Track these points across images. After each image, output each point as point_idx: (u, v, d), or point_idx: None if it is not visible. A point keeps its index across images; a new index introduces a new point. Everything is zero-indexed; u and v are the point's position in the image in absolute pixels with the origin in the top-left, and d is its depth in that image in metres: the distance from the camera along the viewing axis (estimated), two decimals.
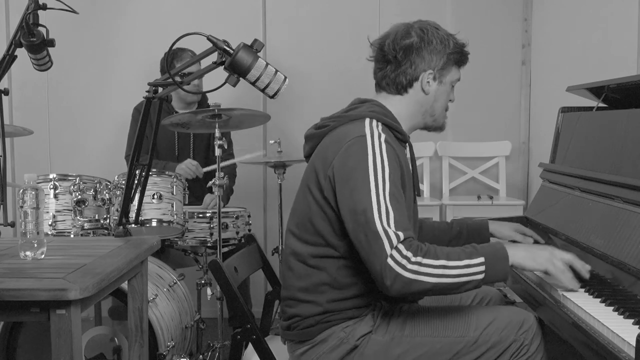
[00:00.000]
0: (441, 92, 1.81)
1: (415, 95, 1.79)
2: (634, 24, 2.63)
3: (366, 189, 1.57)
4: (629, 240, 1.62)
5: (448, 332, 1.65)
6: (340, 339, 1.67)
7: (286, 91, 1.76)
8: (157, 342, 2.35)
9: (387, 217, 1.54)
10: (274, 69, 1.74)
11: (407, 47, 1.75)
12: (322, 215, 1.67)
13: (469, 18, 3.83)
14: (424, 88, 1.78)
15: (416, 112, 1.82)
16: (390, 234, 1.52)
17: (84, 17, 2.73)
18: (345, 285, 1.68)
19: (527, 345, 1.63)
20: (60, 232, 2.50)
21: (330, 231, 1.67)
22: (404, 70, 1.76)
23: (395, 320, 1.67)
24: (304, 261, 1.71)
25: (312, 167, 1.73)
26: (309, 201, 1.71)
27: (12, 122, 3.72)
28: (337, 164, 1.64)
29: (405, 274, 1.49)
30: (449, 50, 1.77)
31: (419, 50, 1.75)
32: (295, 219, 1.77)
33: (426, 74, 1.77)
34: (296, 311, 1.73)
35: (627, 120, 1.86)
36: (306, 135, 1.84)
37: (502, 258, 1.55)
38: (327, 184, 1.65)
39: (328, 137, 1.74)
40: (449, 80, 1.81)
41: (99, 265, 1.55)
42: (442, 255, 1.53)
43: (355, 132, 1.67)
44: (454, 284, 1.52)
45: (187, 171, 3.05)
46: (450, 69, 1.80)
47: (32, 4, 1.70)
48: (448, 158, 3.86)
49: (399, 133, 1.77)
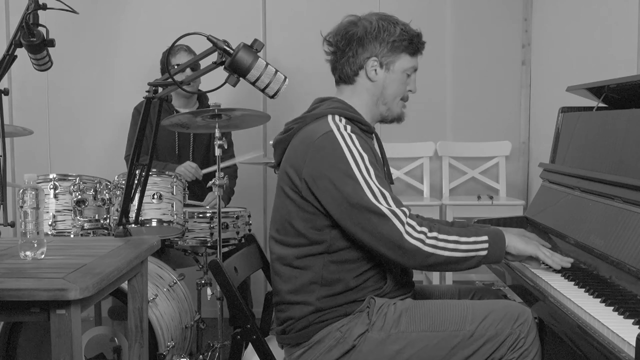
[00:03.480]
0: (391, 80, 1.81)
1: (364, 84, 1.82)
2: (634, 24, 2.63)
3: (353, 180, 1.61)
4: (628, 240, 1.62)
5: (444, 327, 1.65)
6: (337, 339, 1.67)
7: (286, 91, 1.77)
8: (157, 342, 2.35)
9: (384, 198, 1.60)
10: (274, 69, 1.74)
11: (350, 36, 1.79)
12: (302, 214, 1.69)
13: (469, 18, 3.83)
14: (369, 75, 1.80)
15: (369, 101, 1.83)
16: (397, 211, 1.59)
17: (84, 17, 2.74)
18: (333, 281, 1.70)
19: (523, 338, 1.64)
20: (60, 232, 2.50)
21: (310, 229, 1.68)
22: (348, 60, 1.80)
23: (390, 316, 1.67)
24: (289, 264, 1.73)
25: (284, 171, 1.74)
26: (286, 205, 1.72)
27: (12, 122, 3.73)
28: (311, 165, 1.65)
29: (424, 248, 1.58)
30: (393, 37, 1.78)
31: (361, 39, 1.78)
32: (276, 224, 1.78)
33: (370, 61, 1.79)
34: (289, 314, 1.74)
35: (627, 120, 1.85)
36: (274, 143, 1.85)
37: (501, 239, 1.66)
38: (304, 185, 1.67)
39: (295, 139, 1.76)
40: (399, 69, 1.81)
41: (99, 265, 1.55)
42: (452, 231, 1.62)
43: (320, 129, 1.69)
44: (462, 258, 1.62)
45: (186, 173, 3.04)
46: (398, 56, 1.80)
47: (32, 4, 1.70)
48: (448, 158, 3.86)
49: (363, 124, 1.78)
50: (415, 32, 1.82)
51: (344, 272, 1.70)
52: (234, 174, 3.40)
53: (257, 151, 3.50)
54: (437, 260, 1.59)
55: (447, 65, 3.87)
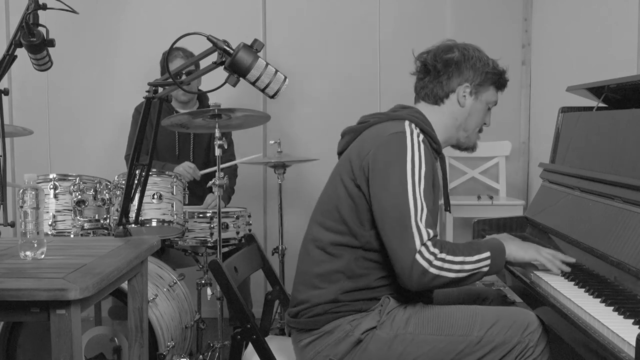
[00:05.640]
0: (476, 109, 1.87)
1: (451, 107, 1.85)
2: (634, 24, 2.63)
3: (403, 183, 1.63)
4: (629, 240, 1.62)
5: (452, 331, 1.65)
6: (346, 332, 1.68)
7: (286, 91, 1.77)
8: (157, 342, 2.35)
9: (421, 213, 1.61)
10: (273, 69, 1.74)
11: (448, 60, 1.83)
12: (351, 203, 1.71)
13: (469, 18, 3.83)
14: (460, 100, 1.84)
15: (451, 125, 1.87)
16: (422, 230, 1.59)
17: (84, 17, 2.73)
18: (359, 276, 1.72)
19: (532, 347, 1.64)
20: (60, 232, 2.50)
21: (356, 220, 1.71)
22: (442, 81, 1.84)
23: (400, 317, 1.68)
24: (323, 248, 1.75)
25: (347, 158, 1.77)
26: (339, 191, 1.75)
27: (12, 122, 3.72)
28: (374, 156, 1.68)
29: (431, 270, 1.57)
30: (487, 69, 1.85)
31: (459, 63, 1.83)
32: (322, 207, 1.81)
33: (462, 87, 1.83)
34: (307, 297, 1.75)
35: (627, 120, 1.85)
36: (344, 131, 1.88)
37: (501, 251, 1.67)
38: (361, 174, 1.70)
39: (367, 132, 1.79)
40: (485, 99, 1.87)
41: (99, 265, 1.55)
42: (458, 251, 1.61)
43: (395, 128, 1.72)
44: (467, 277, 1.62)
45: (184, 173, 3.03)
46: (487, 87, 1.87)
47: (32, 4, 1.70)
48: (448, 158, 3.86)
49: (434, 142, 1.82)
50: (504, 69, 1.89)
51: (371, 269, 1.72)
52: (234, 172, 3.40)
53: (256, 152, 3.50)
54: (443, 281, 1.60)
55: None
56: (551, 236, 2.07)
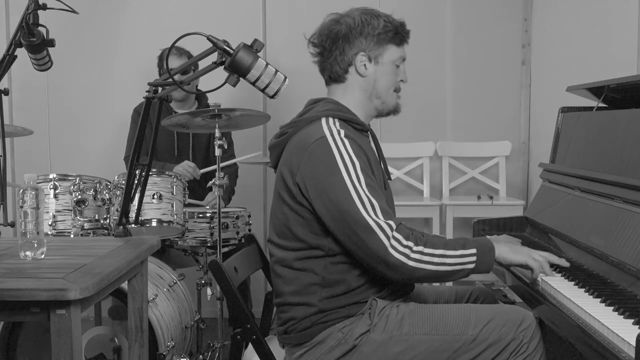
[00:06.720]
0: (381, 73, 1.81)
1: (355, 81, 1.81)
2: (634, 24, 2.63)
3: (343, 188, 1.60)
4: (628, 240, 1.62)
5: (447, 330, 1.65)
6: (338, 340, 1.67)
7: (286, 91, 1.76)
8: (157, 342, 2.35)
9: (373, 208, 1.59)
10: (274, 69, 1.74)
11: (334, 35, 1.79)
12: (299, 220, 1.69)
13: (469, 18, 3.83)
14: (359, 71, 1.80)
15: (362, 98, 1.83)
16: (383, 225, 1.57)
17: (84, 17, 2.74)
18: (335, 282, 1.70)
19: (526, 344, 1.63)
20: (60, 232, 2.50)
21: (310, 234, 1.69)
22: (336, 58, 1.80)
23: (393, 318, 1.67)
24: (289, 266, 1.73)
25: (280, 175, 1.75)
26: (283, 209, 1.72)
27: (12, 122, 3.72)
28: (304, 172, 1.65)
29: (409, 263, 1.57)
30: (378, 30, 1.77)
31: (346, 36, 1.78)
32: (275, 229, 1.78)
33: (359, 57, 1.79)
34: (290, 315, 1.74)
35: (627, 120, 1.85)
36: (270, 146, 1.85)
37: (490, 250, 1.64)
38: (297, 190, 1.67)
39: (290, 144, 1.76)
40: (388, 60, 1.81)
41: (99, 265, 1.55)
42: (440, 244, 1.60)
43: (314, 134, 1.69)
44: (449, 271, 1.61)
45: (184, 173, 3.03)
46: (385, 48, 1.80)
47: (32, 4, 1.70)
48: (448, 158, 3.86)
49: (357, 124, 1.78)
50: (399, 22, 1.82)
51: (345, 273, 1.69)
52: (235, 173, 3.40)
53: (256, 152, 3.50)
54: (423, 274, 1.59)
55: (447, 65, 3.87)
56: (551, 236, 2.07)
